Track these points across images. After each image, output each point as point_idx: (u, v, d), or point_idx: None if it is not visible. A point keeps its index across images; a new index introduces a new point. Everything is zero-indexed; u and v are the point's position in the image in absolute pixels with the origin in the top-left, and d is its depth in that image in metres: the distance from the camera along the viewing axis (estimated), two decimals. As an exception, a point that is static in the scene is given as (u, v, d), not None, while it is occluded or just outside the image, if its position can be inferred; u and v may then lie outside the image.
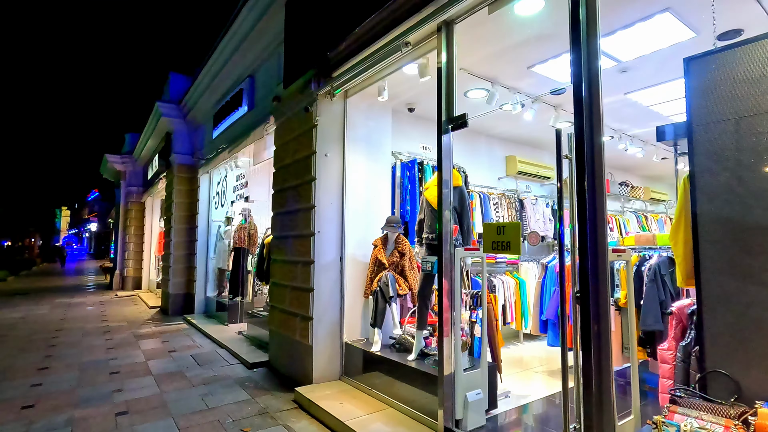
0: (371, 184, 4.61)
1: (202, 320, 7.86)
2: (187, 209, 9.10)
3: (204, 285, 8.69)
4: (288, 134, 4.82)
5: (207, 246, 8.75)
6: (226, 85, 7.12)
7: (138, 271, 13.68)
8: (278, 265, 4.91)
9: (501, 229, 2.68)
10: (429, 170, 4.96)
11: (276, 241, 5.01)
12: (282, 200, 4.89)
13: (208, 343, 6.29)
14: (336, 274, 4.32)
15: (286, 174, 4.84)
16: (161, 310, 9.34)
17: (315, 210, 4.21)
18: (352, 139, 4.48)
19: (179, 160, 9.05)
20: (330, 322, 4.24)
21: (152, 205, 13.60)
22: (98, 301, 11.04)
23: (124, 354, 5.64)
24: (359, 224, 4.47)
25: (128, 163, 13.90)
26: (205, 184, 8.79)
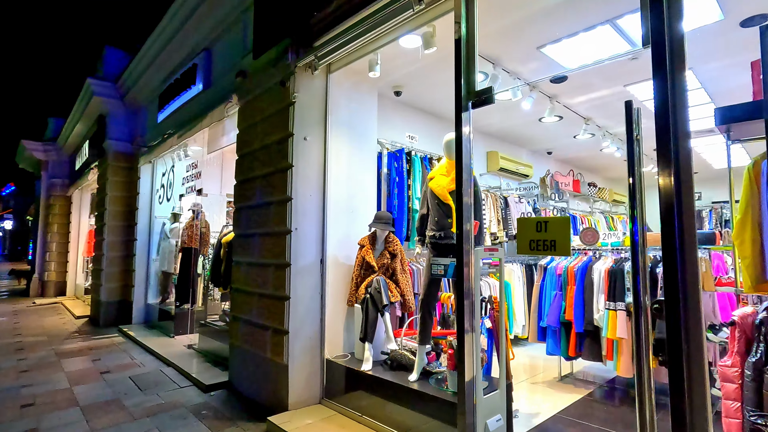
0: (354, 175, 4.02)
1: (142, 332, 6.80)
2: (124, 204, 7.92)
3: (144, 291, 7.59)
4: (256, 115, 4.10)
5: (149, 246, 7.65)
6: (175, 60, 6.17)
7: (61, 275, 11.96)
8: (242, 268, 4.17)
9: (542, 225, 2.22)
10: (417, 162, 4.45)
11: (239, 240, 4.26)
12: (248, 192, 4.15)
13: (151, 360, 5.34)
14: (315, 279, 3.67)
15: (253, 161, 4.11)
16: (91, 321, 8.06)
17: (292, 203, 3.55)
18: (334, 123, 3.87)
19: (115, 147, 7.86)
20: (308, 336, 3.59)
21: (80, 200, 11.96)
22: (10, 310, 9.41)
23: (41, 378, 4.59)
24: (341, 221, 3.86)
25: (51, 152, 12.12)
26: (147, 176, 7.68)
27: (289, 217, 3.53)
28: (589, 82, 4.35)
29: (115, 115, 7.94)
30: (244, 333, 4.03)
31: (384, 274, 3.69)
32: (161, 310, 7.13)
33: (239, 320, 4.14)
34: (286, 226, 3.54)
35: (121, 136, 7.96)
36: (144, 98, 7.53)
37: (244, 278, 4.12)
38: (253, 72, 4.21)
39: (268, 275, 3.73)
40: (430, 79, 4.43)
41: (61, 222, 12.06)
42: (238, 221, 4.29)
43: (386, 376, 3.11)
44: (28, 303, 10.53)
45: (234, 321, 4.25)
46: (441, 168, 3.11)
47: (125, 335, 6.75)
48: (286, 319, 3.46)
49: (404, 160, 4.32)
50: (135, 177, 7.78)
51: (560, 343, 3.99)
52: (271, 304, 3.65)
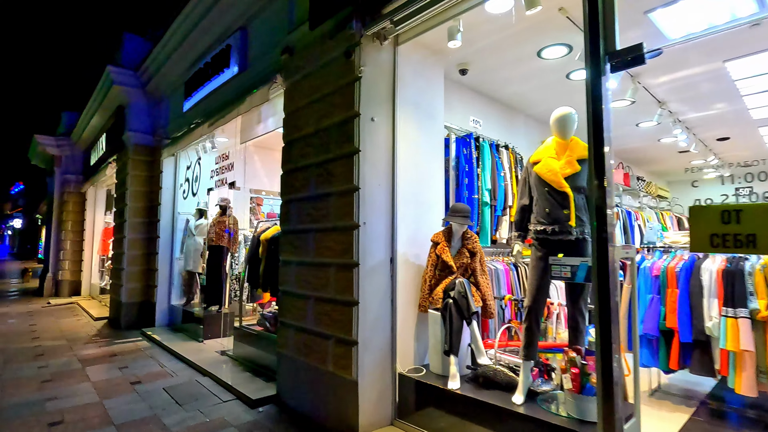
0: (422, 162, 3.54)
1: (168, 335, 6.36)
2: (145, 199, 7.49)
3: (167, 291, 7.15)
4: (309, 95, 3.62)
5: (172, 244, 7.21)
6: (204, 44, 5.71)
7: (76, 274, 11.59)
8: (292, 268, 3.70)
9: (732, 214, 1.72)
10: (486, 149, 3.95)
11: (288, 236, 3.79)
12: (298, 183, 3.68)
13: (183, 368, 4.90)
14: (385, 280, 3.19)
15: (304, 147, 3.63)
16: (110, 323, 7.65)
17: (359, 194, 3.07)
18: (401, 102, 3.38)
19: (136, 139, 7.42)
20: (379, 347, 3.11)
21: (94, 197, 11.57)
22: (26, 311, 9.03)
23: (66, 390, 4.15)
24: (409, 214, 3.38)
25: (65, 147, 11.74)
26: (169, 170, 7.24)
27: (356, 209, 3.05)
28: (684, 57, 3.84)
29: (135, 105, 7.50)
30: (297, 342, 3.56)
31: (462, 275, 3.21)
32: (186, 312, 6.70)
33: (290, 327, 3.68)
34: (352, 220, 3.06)
35: (142, 128, 7.52)
36: (167, 87, 7.08)
37: (295, 280, 3.65)
38: (303, 48, 3.73)
39: (328, 277, 3.26)
40: (501, 57, 3.93)
41: (75, 219, 11.68)
42: (287, 216, 3.82)
43: (482, 396, 2.63)
44: (43, 303, 10.15)
45: (283, 327, 3.78)
46: (547, 149, 2.62)
47: (150, 339, 6.32)
48: (355, 327, 2.98)
49: (473, 147, 3.82)
50: (157, 171, 7.35)
51: (658, 354, 3.49)
52: (334, 310, 3.17)
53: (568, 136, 2.56)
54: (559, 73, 4.22)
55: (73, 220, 11.66)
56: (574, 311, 2.51)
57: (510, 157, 4.19)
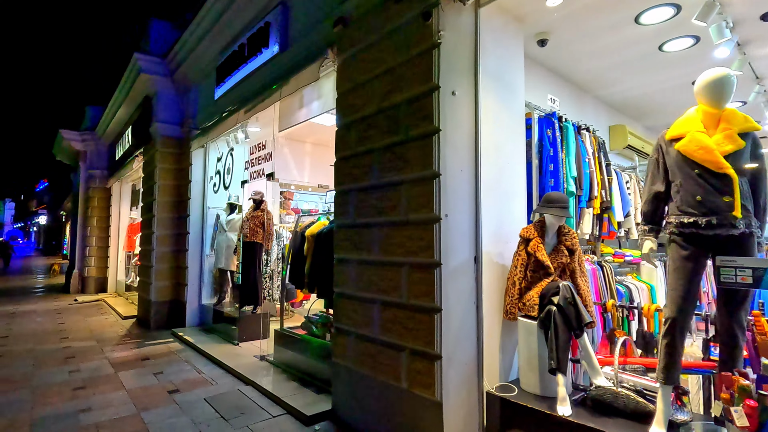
0: (503, 144, 3.05)
1: (200, 337, 6.02)
2: (173, 194, 7.16)
3: (198, 290, 6.82)
4: (370, 69, 3.15)
5: (201, 240, 6.87)
6: (239, 24, 5.29)
7: (102, 270, 11.44)
8: (351, 267, 3.25)
9: None
10: (571, 131, 3.43)
11: (345, 231, 3.34)
12: (358, 170, 3.22)
13: (222, 374, 4.52)
14: (469, 283, 2.72)
15: (366, 130, 3.17)
16: (139, 322, 7.37)
17: (440, 181, 2.59)
18: (483, 73, 2.89)
19: (164, 131, 7.08)
20: (464, 361, 2.64)
21: (119, 192, 11.38)
22: (53, 308, 8.85)
23: (100, 399, 3.80)
24: (490, 205, 2.89)
25: (89, 141, 11.56)
26: (198, 162, 6.89)
27: (436, 199, 2.58)
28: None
29: (163, 95, 7.15)
30: (359, 352, 3.12)
31: (560, 276, 2.72)
32: (217, 312, 6.35)
33: (348, 334, 3.24)
34: (432, 212, 2.59)
35: (170, 119, 7.18)
36: (196, 74, 6.71)
37: (355, 281, 3.20)
38: (361, 17, 3.27)
39: (400, 278, 2.80)
40: (590, 23, 3.40)
41: (100, 215, 11.52)
42: (343, 208, 3.38)
43: (606, 426, 2.14)
44: (70, 300, 9.99)
45: (340, 334, 3.35)
46: (691, 122, 2.10)
47: (181, 340, 5.98)
48: (437, 338, 2.52)
49: (557, 129, 3.31)
50: (185, 164, 7.00)
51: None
52: (408, 317, 2.72)
53: (723, 105, 2.03)
54: (650, 44, 3.67)
55: (99, 215, 11.50)
56: (732, 324, 2.00)
57: (593, 141, 3.66)
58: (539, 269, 2.70)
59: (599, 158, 3.68)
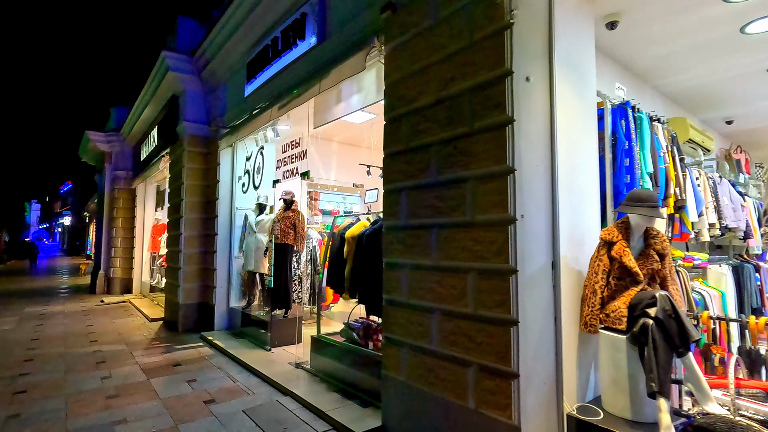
0: (576, 136, 2.74)
1: (230, 341, 5.84)
2: (201, 194, 7.02)
3: (226, 293, 6.66)
4: (425, 56, 2.88)
5: (230, 242, 6.71)
6: (272, 17, 5.09)
7: (127, 271, 11.45)
8: (404, 273, 2.99)
9: None
10: (645, 122, 3.10)
11: (396, 233, 3.08)
12: (412, 167, 2.96)
13: (258, 383, 4.31)
14: (547, 292, 2.43)
15: (421, 123, 2.91)
16: (166, 325, 7.25)
17: (514, 177, 2.31)
18: (557, 57, 2.60)
19: (191, 130, 6.95)
20: (542, 379, 2.36)
21: (144, 193, 11.37)
22: (80, 309, 8.83)
23: (135, 409, 3.62)
24: (564, 204, 2.60)
25: (115, 143, 11.60)
26: (227, 161, 6.73)
27: (510, 198, 2.30)
28: None
29: (190, 94, 7.03)
30: (415, 365, 2.85)
31: (648, 284, 2.40)
32: (246, 316, 6.17)
33: (401, 345, 2.97)
34: (505, 212, 2.31)
35: (197, 118, 7.05)
36: (224, 72, 6.55)
37: (408, 287, 2.94)
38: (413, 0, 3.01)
39: (465, 285, 2.52)
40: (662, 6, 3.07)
41: (125, 216, 11.54)
42: (393, 208, 3.12)
43: (727, 464, 1.82)
44: (96, 301, 10.00)
45: (390, 345, 3.08)
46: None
47: (211, 345, 5.81)
48: (514, 354, 2.23)
49: (631, 120, 2.99)
50: (213, 163, 6.85)
51: None
52: (477, 330, 2.44)
53: None
54: (732, 25, 3.31)
55: (124, 216, 11.52)
56: None
57: (666, 134, 3.32)
58: (625, 276, 2.40)
59: (672, 152, 3.34)
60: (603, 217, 2.91)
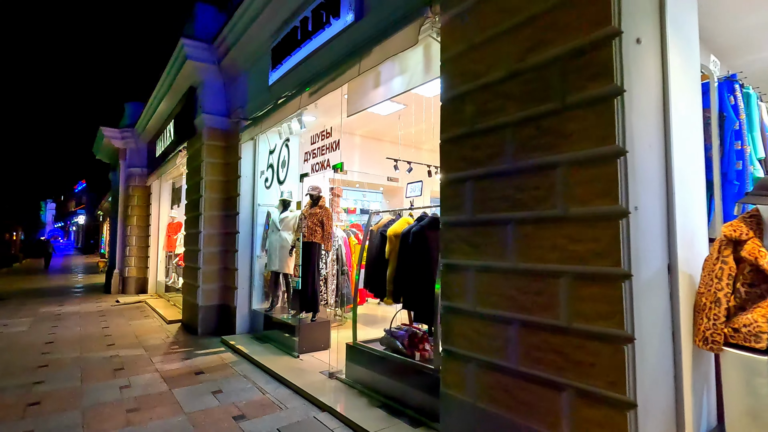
0: (684, 112, 2.29)
1: (253, 346, 5.48)
2: (221, 190, 6.68)
3: (248, 294, 6.30)
4: (493, 24, 2.46)
5: (252, 240, 6.35)
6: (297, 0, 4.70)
7: (142, 270, 11.20)
8: (469, 276, 2.57)
9: None
10: (753, 100, 2.64)
11: (457, 230, 2.67)
12: (481, 152, 2.54)
13: (288, 394, 3.93)
14: (662, 301, 2.00)
15: (491, 101, 2.49)
16: (185, 327, 6.93)
17: (626, 160, 1.88)
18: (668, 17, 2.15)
19: (210, 123, 6.60)
20: (662, 407, 1.92)
21: (159, 190, 11.10)
22: (96, 310, 8.57)
23: (159, 426, 3.26)
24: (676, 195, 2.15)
25: (129, 139, 11.35)
26: (248, 155, 6.37)
27: (621, 186, 1.87)
28: None
29: (209, 84, 6.68)
30: (487, 384, 2.43)
31: (788, 292, 1.95)
32: (269, 319, 5.81)
33: (466, 360, 2.56)
34: (615, 202, 1.88)
35: (217, 110, 6.70)
36: (245, 60, 6.19)
37: (475, 293, 2.52)
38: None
39: (556, 292, 2.10)
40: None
41: (140, 214, 11.29)
42: (454, 200, 2.70)
43: None
44: (111, 301, 9.74)
45: (452, 359, 2.67)
46: None
47: (234, 350, 5.46)
48: (629, 378, 1.80)
49: (741, 96, 2.53)
50: (234, 158, 6.50)
51: None
52: (575, 346, 2.01)
53: None
54: None
55: (139, 214, 11.28)
56: None
57: (771, 114, 2.85)
58: (760, 283, 1.95)
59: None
60: (709, 210, 2.46)
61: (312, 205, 5.51)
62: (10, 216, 32.94)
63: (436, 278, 3.32)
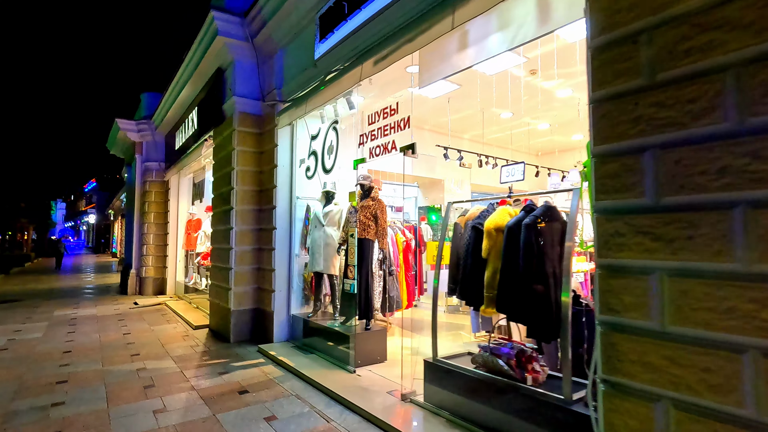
0: None
1: (297, 357, 4.80)
2: (255, 182, 6.01)
3: (286, 297, 5.63)
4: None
5: (290, 237, 5.68)
6: (359, -51, 3.99)
7: (160, 270, 10.60)
8: (654, 282, 1.85)
9: None
10: None
11: (628, 220, 1.94)
12: (672, 110, 1.81)
13: (358, 421, 3.23)
14: None
15: (689, 36, 1.76)
16: (214, 334, 6.27)
17: None
18: None
19: (242, 107, 5.94)
20: None
21: (177, 185, 10.49)
22: (114, 313, 7.96)
23: (211, 469, 2.58)
24: None
25: (146, 132, 10.74)
26: (285, 142, 5.69)
27: None
28: None
29: (240, 65, 6.00)
30: None
31: None
32: (311, 325, 5.13)
33: (652, 398, 1.84)
34: None
35: (249, 93, 6.02)
36: (283, 35, 5.50)
37: (667, 306, 1.79)
38: None
39: None
40: None
41: (158, 211, 10.68)
42: (620, 180, 1.97)
43: None
44: (129, 303, 9.14)
45: (624, 395, 1.94)
46: None
47: (276, 362, 4.78)
48: None
49: None
50: (269, 145, 5.83)
51: None
52: None
53: None
54: None
55: (156, 211, 10.67)
56: None
57: None
58: None
59: None
60: None
61: (363, 197, 4.82)
62: (21, 215, 32.72)
63: (558, 283, 2.61)
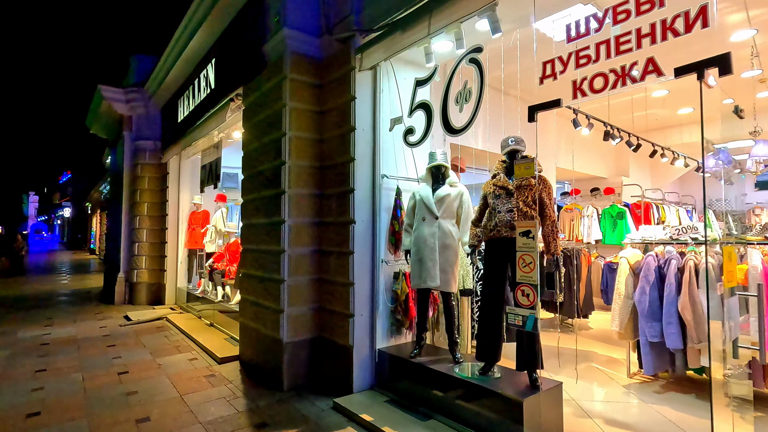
0: None
1: (412, 428, 2.99)
2: (313, 155, 4.15)
3: (369, 324, 3.81)
4: None
5: (372, 234, 3.85)
6: None
7: (157, 275, 8.57)
8: None
9: None
10: None
11: None
12: None
13: None
14: None
15: None
16: (250, 371, 4.38)
17: None
18: None
19: (296, 45, 4.05)
20: None
21: (178, 169, 8.47)
22: (100, 334, 5.97)
23: None
24: None
25: (137, 102, 8.65)
26: (365, 94, 3.85)
27: None
28: None
29: (292, -17, 4.10)
30: None
31: None
32: (412, 365, 3.34)
33: None
34: None
35: (305, 25, 4.14)
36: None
37: None
38: None
39: None
40: None
41: (153, 201, 8.64)
42: None
43: None
44: (118, 317, 7.14)
45: None
46: None
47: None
48: None
49: None
50: (339, 100, 3.97)
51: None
52: None
53: None
54: None
55: (151, 201, 8.62)
56: None
57: None
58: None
59: None
60: None
61: (509, 173, 3.06)
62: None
63: None
